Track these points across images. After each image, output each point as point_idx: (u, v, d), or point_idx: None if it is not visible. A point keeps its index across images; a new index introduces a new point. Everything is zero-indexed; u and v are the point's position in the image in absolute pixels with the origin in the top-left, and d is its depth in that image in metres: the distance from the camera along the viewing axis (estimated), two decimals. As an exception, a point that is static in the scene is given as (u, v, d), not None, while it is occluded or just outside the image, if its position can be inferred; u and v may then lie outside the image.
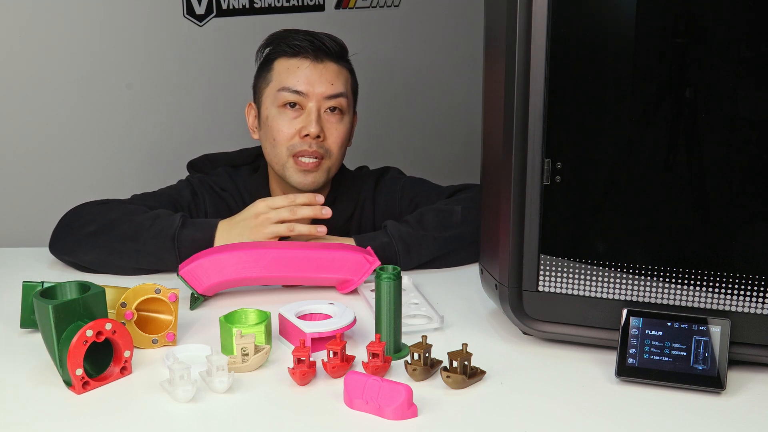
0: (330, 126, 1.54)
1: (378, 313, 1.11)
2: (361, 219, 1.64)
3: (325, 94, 1.53)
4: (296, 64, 1.54)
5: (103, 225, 1.42)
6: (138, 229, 1.41)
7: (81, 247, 1.43)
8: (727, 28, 1.00)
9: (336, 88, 1.54)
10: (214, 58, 2.20)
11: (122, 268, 1.42)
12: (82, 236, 1.43)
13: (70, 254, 1.45)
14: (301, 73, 1.53)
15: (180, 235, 1.39)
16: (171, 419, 0.97)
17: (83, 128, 2.07)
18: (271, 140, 1.55)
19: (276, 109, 1.54)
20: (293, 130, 1.53)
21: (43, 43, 1.97)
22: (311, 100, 1.53)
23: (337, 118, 1.55)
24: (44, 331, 1.04)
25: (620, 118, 1.07)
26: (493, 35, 1.10)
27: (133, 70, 2.11)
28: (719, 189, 1.03)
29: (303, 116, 1.53)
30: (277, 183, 1.62)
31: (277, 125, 1.54)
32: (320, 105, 1.53)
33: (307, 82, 1.53)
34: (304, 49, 1.54)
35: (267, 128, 1.56)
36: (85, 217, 1.45)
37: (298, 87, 1.53)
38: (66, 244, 1.45)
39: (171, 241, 1.39)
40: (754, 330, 1.04)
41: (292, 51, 1.55)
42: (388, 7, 2.50)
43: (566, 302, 1.11)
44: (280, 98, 1.54)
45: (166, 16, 2.12)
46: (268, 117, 1.56)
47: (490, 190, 1.15)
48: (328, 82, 1.54)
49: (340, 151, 1.57)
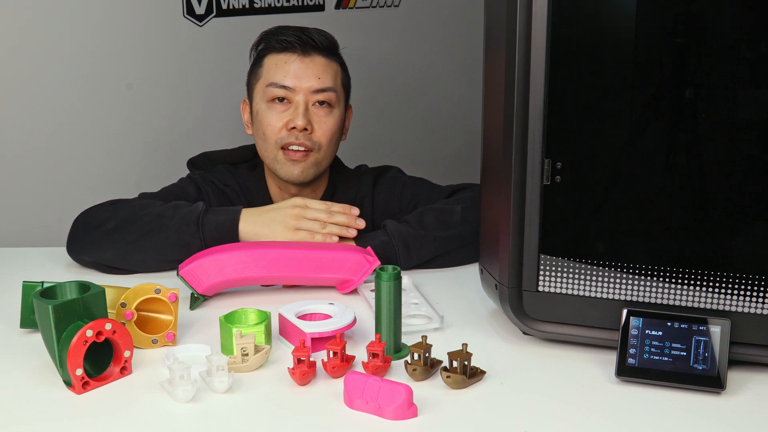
0: (318, 119, 1.55)
1: (378, 313, 1.11)
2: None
3: (312, 88, 1.54)
4: (284, 59, 1.55)
5: (123, 220, 1.43)
6: (160, 219, 1.41)
7: (101, 245, 1.42)
8: (727, 28, 1.00)
9: (323, 82, 1.55)
10: (214, 58, 2.20)
11: (144, 262, 1.42)
12: (100, 234, 1.42)
13: (89, 253, 1.44)
14: (288, 68, 1.55)
15: (204, 219, 1.40)
16: (171, 419, 0.97)
17: (83, 128, 2.07)
18: (261, 134, 1.57)
19: (265, 104, 1.56)
20: (281, 123, 1.55)
21: (43, 43, 1.97)
22: (298, 94, 1.54)
23: (325, 112, 1.56)
24: (44, 331, 1.04)
25: (620, 118, 1.07)
26: (493, 35, 1.10)
27: (133, 70, 2.11)
28: (719, 189, 1.03)
29: (291, 110, 1.55)
30: (274, 180, 1.63)
31: (266, 119, 1.56)
32: (308, 99, 1.54)
33: (294, 77, 1.54)
34: (292, 44, 1.55)
35: (257, 123, 1.58)
36: (101, 216, 1.45)
37: (285, 82, 1.54)
38: (84, 244, 1.44)
39: (195, 225, 1.39)
40: (754, 330, 1.04)
41: (280, 46, 1.56)
42: (388, 7, 2.50)
43: (566, 302, 1.11)
44: (269, 93, 1.55)
45: (166, 16, 2.12)
46: (258, 112, 1.58)
47: (490, 190, 1.15)
48: (315, 76, 1.54)
49: (329, 144, 1.58)
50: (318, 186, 1.64)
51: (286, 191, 1.63)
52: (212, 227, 1.40)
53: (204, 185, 1.60)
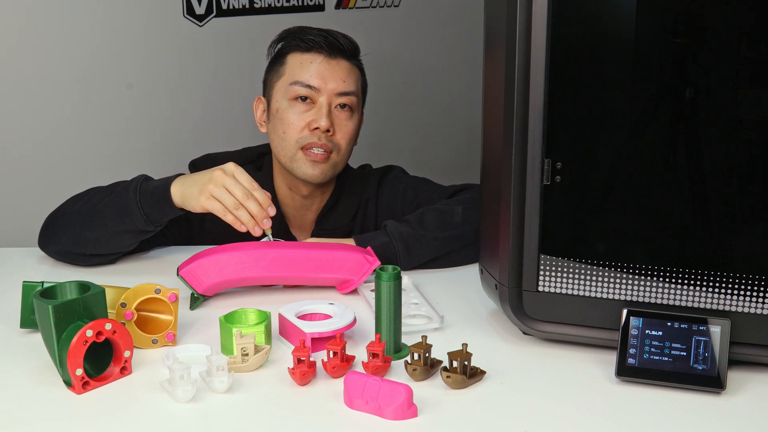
0: (339, 122, 1.55)
1: (378, 313, 1.11)
2: (364, 218, 1.64)
3: (336, 90, 1.54)
4: (309, 59, 1.55)
5: (75, 206, 1.48)
6: (103, 194, 1.46)
7: (57, 231, 1.47)
8: (727, 28, 1.00)
9: (347, 86, 1.55)
10: (214, 58, 2.20)
11: (97, 240, 1.44)
12: (58, 223, 1.48)
13: (52, 242, 1.49)
14: (314, 68, 1.54)
15: (142, 186, 1.42)
16: (171, 419, 0.97)
17: (83, 128, 2.07)
18: (280, 133, 1.56)
19: (287, 101, 1.55)
20: (303, 122, 1.54)
21: (43, 43, 1.97)
22: (322, 94, 1.53)
23: (347, 115, 1.56)
24: (44, 331, 1.04)
25: (620, 118, 1.07)
26: (493, 35, 1.10)
27: (133, 70, 2.11)
28: (719, 189, 1.03)
29: (314, 110, 1.54)
30: (283, 180, 1.62)
31: (288, 117, 1.54)
32: (331, 101, 1.54)
33: (319, 77, 1.53)
34: (318, 44, 1.54)
35: (277, 120, 1.57)
36: (62, 209, 1.50)
37: (310, 81, 1.53)
38: (47, 236, 1.49)
39: (134, 192, 1.41)
40: (754, 330, 1.04)
41: (306, 46, 1.55)
42: (388, 7, 2.50)
43: (566, 302, 1.11)
44: (292, 91, 1.54)
45: (166, 16, 2.12)
46: (279, 109, 1.56)
47: (490, 190, 1.15)
48: (340, 79, 1.54)
49: (347, 147, 1.58)
50: (327, 188, 1.64)
51: (297, 192, 1.62)
52: (148, 193, 1.40)
53: None
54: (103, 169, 2.10)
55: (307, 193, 1.61)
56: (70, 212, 1.48)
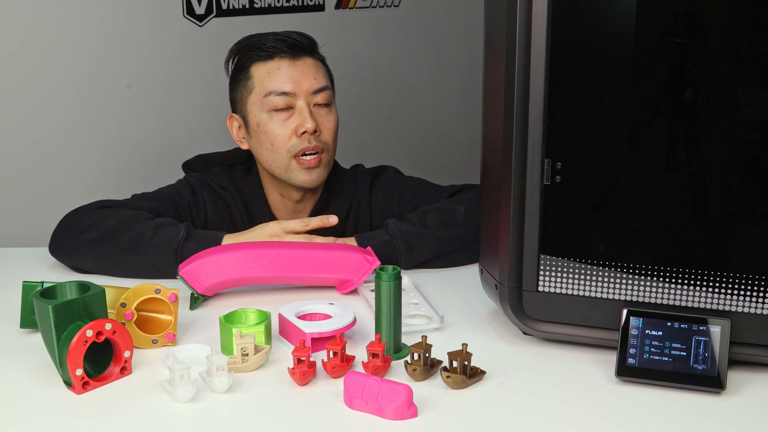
0: (322, 119, 1.55)
1: (378, 313, 1.11)
2: (357, 218, 1.64)
3: (311, 89, 1.53)
4: (276, 66, 1.53)
5: (103, 233, 1.41)
6: (139, 240, 1.39)
7: (80, 253, 1.43)
8: (727, 28, 1.00)
9: (319, 82, 1.55)
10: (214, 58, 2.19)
11: (123, 276, 1.41)
12: (81, 242, 1.42)
13: (69, 259, 1.46)
14: (282, 74, 1.52)
15: (183, 248, 1.37)
16: (171, 419, 0.97)
17: (83, 128, 2.07)
18: (268, 146, 1.54)
19: (266, 114, 1.53)
20: (288, 130, 1.52)
21: (42, 43, 1.97)
22: (299, 98, 1.52)
23: (326, 111, 1.56)
24: (44, 331, 1.04)
25: (620, 118, 1.07)
26: (493, 35, 1.10)
27: (132, 70, 2.11)
28: (719, 189, 1.03)
29: (295, 115, 1.53)
30: (272, 185, 1.61)
31: (272, 129, 1.53)
32: (309, 101, 1.53)
33: (291, 81, 1.52)
34: (280, 49, 1.53)
35: (261, 135, 1.54)
36: (84, 222, 1.43)
37: (284, 88, 1.52)
38: (65, 249, 1.45)
39: (174, 254, 1.37)
40: (754, 330, 1.04)
41: (267, 54, 1.53)
42: (388, 7, 2.50)
43: (566, 302, 1.11)
44: (268, 103, 1.52)
45: (166, 16, 2.12)
46: (260, 123, 1.54)
47: (490, 190, 1.15)
48: (311, 77, 1.54)
49: (334, 143, 1.58)
50: (317, 190, 1.63)
51: (288, 197, 1.61)
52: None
53: (200, 188, 1.59)
54: (102, 168, 2.11)
55: (298, 198, 1.61)
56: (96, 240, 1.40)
